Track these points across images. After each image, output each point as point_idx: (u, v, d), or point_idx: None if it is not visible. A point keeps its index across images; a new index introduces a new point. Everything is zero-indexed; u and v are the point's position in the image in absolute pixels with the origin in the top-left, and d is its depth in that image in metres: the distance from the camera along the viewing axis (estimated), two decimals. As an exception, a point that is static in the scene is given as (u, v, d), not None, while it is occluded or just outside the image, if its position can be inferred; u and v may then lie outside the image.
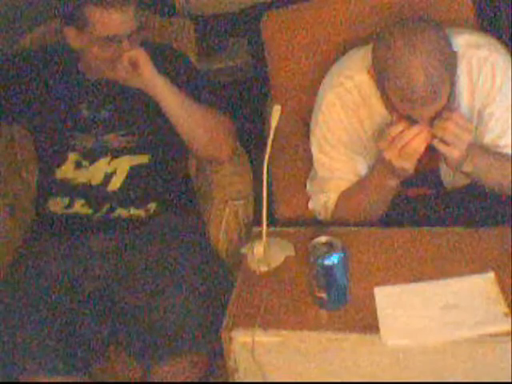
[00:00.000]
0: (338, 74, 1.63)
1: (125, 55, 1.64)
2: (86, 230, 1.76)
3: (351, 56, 1.66)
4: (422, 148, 1.42)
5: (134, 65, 1.65)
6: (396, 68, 1.38)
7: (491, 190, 1.59)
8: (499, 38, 1.64)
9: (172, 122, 1.73)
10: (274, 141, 1.49)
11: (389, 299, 1.36)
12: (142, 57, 1.65)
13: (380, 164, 1.53)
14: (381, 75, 1.44)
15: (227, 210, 1.78)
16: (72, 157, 1.78)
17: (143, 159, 1.80)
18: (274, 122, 1.49)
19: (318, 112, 1.65)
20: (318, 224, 1.70)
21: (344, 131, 1.63)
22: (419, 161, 1.46)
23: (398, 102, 1.43)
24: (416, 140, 1.41)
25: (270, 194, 1.53)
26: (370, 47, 1.49)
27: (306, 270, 1.41)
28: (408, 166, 1.44)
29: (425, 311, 1.33)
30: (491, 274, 1.36)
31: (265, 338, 1.34)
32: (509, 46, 1.62)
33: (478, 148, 1.53)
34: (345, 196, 1.66)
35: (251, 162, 1.89)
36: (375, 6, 1.87)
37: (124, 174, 1.78)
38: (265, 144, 1.49)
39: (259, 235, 1.51)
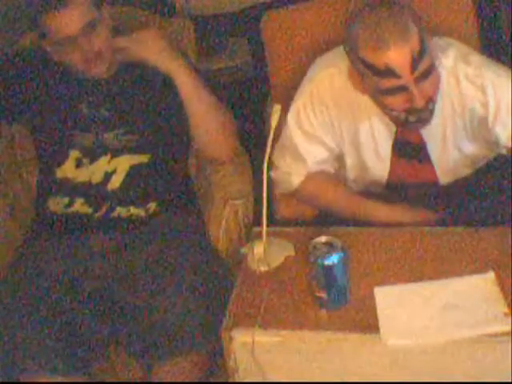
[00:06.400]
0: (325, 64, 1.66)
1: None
2: (85, 230, 1.76)
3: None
4: None
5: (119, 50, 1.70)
6: (365, 23, 1.43)
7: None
8: (499, 37, 1.64)
9: (185, 105, 1.75)
10: (273, 141, 1.50)
11: (389, 299, 1.36)
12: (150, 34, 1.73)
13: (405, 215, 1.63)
14: (354, 46, 1.46)
15: (227, 209, 1.78)
16: (72, 155, 1.78)
17: (143, 158, 1.80)
18: (274, 122, 1.49)
19: (308, 83, 1.67)
20: (317, 224, 1.70)
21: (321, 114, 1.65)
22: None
23: (372, 58, 1.43)
24: None
25: (269, 194, 1.53)
26: None
27: (306, 269, 1.41)
28: None
29: (425, 311, 1.33)
30: (491, 274, 1.36)
31: (265, 338, 1.34)
32: (509, 47, 1.61)
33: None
34: (321, 191, 1.72)
35: (251, 162, 1.89)
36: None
37: (124, 173, 1.78)
38: (265, 144, 1.49)
39: (259, 235, 1.51)
